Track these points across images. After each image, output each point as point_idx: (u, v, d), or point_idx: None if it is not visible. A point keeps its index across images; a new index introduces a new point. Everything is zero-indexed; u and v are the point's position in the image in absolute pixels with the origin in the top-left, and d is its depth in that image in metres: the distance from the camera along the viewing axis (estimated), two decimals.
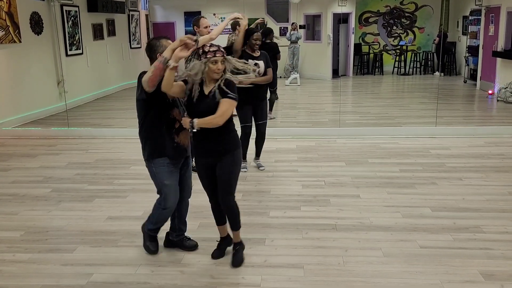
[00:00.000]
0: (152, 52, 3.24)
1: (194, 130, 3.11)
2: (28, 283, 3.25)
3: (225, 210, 3.39)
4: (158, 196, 3.46)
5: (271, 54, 6.11)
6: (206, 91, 3.16)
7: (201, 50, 3.10)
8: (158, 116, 3.25)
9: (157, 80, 3.03)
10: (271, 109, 8.77)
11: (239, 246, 3.47)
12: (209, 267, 3.40)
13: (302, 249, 3.64)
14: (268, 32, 8.67)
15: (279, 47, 8.68)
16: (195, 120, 3.09)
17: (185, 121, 3.15)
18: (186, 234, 3.69)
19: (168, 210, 3.44)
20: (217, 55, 3.08)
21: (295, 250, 3.63)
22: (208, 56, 3.06)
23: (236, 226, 3.42)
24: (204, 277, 3.28)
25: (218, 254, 3.53)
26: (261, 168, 5.61)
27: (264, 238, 3.83)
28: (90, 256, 3.61)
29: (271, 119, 8.63)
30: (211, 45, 3.13)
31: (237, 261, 3.42)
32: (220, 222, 3.51)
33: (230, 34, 8.60)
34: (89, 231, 4.05)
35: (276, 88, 8.69)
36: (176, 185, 3.42)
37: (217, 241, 3.58)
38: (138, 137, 3.40)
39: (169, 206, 3.41)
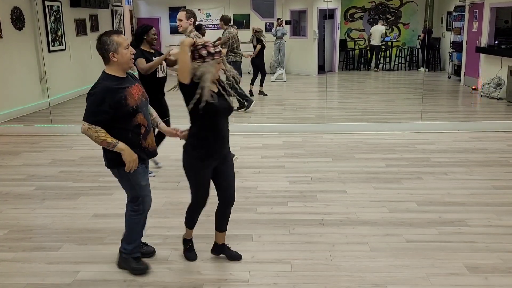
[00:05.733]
0: (104, 50, 2.99)
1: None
2: (13, 282, 3.20)
3: (229, 210, 3.34)
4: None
5: None
6: (215, 89, 3.06)
7: (205, 52, 2.91)
8: (123, 125, 3.01)
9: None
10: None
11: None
12: (196, 264, 3.39)
13: (290, 245, 3.65)
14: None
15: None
16: None
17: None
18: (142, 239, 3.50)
19: (145, 214, 3.27)
20: (221, 55, 3.00)
21: (282, 246, 3.63)
22: (215, 57, 2.93)
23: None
24: (192, 274, 3.27)
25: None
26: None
27: (251, 234, 3.83)
28: (76, 254, 3.57)
29: None
30: (213, 45, 2.99)
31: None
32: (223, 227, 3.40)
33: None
34: (75, 229, 4.00)
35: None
36: (149, 185, 3.28)
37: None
38: None
39: (147, 209, 3.26)
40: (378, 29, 14.35)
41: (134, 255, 3.30)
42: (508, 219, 4.03)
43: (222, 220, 3.35)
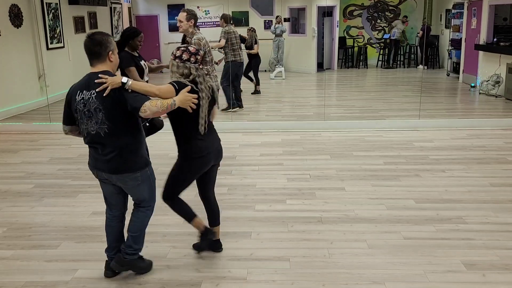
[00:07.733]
0: (105, 48, 3.01)
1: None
2: (11, 280, 3.21)
3: (214, 204, 3.46)
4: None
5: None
6: None
7: (195, 58, 3.14)
8: (140, 124, 3.08)
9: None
10: None
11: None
12: (194, 262, 3.40)
13: (288, 242, 3.66)
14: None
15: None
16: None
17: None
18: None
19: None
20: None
21: (280, 243, 3.64)
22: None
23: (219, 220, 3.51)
24: (190, 271, 3.28)
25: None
26: None
27: (250, 231, 3.84)
28: (75, 252, 3.57)
29: None
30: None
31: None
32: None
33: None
34: (73, 226, 4.01)
35: None
36: None
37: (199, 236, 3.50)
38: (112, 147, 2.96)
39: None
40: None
41: (139, 254, 3.26)
42: (505, 216, 4.04)
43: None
